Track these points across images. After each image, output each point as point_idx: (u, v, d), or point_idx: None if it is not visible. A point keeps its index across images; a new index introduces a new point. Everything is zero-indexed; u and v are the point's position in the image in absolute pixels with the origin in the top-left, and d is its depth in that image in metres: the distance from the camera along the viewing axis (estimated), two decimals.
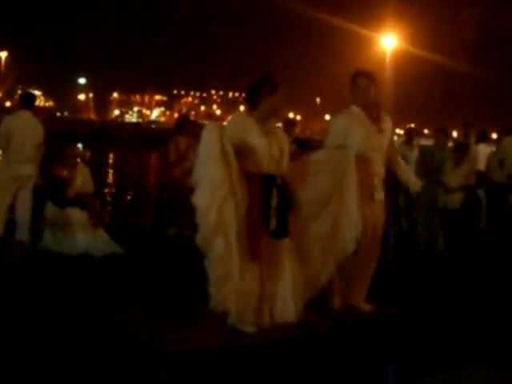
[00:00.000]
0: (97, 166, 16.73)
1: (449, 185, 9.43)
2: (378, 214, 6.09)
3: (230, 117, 6.73)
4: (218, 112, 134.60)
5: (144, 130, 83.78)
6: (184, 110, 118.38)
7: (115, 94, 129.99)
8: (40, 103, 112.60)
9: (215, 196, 5.06)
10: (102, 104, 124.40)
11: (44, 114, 77.69)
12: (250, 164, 5.42)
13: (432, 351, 5.18)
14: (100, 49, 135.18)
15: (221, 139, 5.13)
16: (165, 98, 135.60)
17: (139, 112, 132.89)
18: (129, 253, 8.58)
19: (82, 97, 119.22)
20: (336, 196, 5.68)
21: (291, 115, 62.90)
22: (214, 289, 5.28)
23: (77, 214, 8.66)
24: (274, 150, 5.51)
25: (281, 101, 5.66)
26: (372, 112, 6.06)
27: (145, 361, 4.71)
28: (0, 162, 8.54)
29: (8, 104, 78.27)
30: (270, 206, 5.41)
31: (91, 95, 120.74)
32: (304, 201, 5.69)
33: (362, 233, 5.73)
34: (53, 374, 4.43)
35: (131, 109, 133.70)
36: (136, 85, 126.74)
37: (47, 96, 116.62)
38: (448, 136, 11.22)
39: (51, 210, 8.66)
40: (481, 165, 10.29)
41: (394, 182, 6.82)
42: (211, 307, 5.39)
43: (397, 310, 6.15)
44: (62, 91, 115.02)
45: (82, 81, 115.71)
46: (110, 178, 24.48)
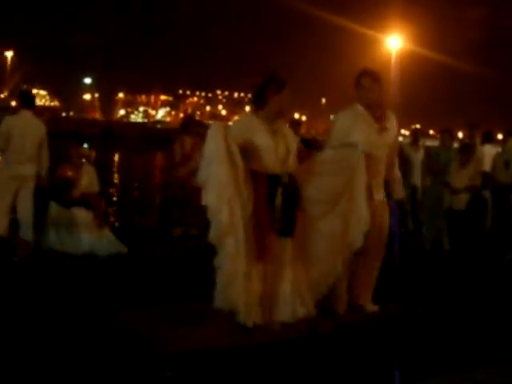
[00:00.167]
0: (102, 166, 16.72)
1: (454, 186, 9.41)
2: (380, 213, 5.99)
3: (237, 117, 6.74)
4: (224, 112, 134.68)
5: (149, 129, 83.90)
6: (189, 110, 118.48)
7: (121, 94, 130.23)
8: (45, 103, 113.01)
9: (223, 196, 5.08)
10: (108, 104, 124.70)
11: (50, 113, 77.86)
12: (256, 164, 5.42)
13: (437, 351, 5.17)
14: (106, 49, 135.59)
15: (226, 139, 5.14)
16: (170, 98, 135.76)
17: (145, 112, 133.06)
18: (134, 253, 8.59)
19: (87, 97, 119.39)
20: (346, 195, 5.65)
21: (296, 116, 62.96)
22: (222, 287, 5.30)
23: (82, 214, 8.68)
24: (281, 149, 5.51)
25: (287, 100, 5.64)
26: (376, 111, 6.03)
27: (149, 360, 4.71)
28: (0, 162, 8.53)
29: (14, 103, 78.35)
30: (275, 206, 5.42)
31: (97, 95, 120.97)
32: (312, 200, 5.66)
33: (366, 232, 5.72)
34: (58, 372, 4.44)
35: (137, 109, 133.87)
36: (142, 85, 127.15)
37: (53, 96, 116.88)
38: (453, 137, 11.19)
39: (56, 209, 8.66)
40: (486, 165, 10.26)
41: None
42: (216, 306, 5.40)
43: (402, 310, 6.14)
44: (68, 91, 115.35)
45: (87, 81, 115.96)
46: (115, 177, 24.48)
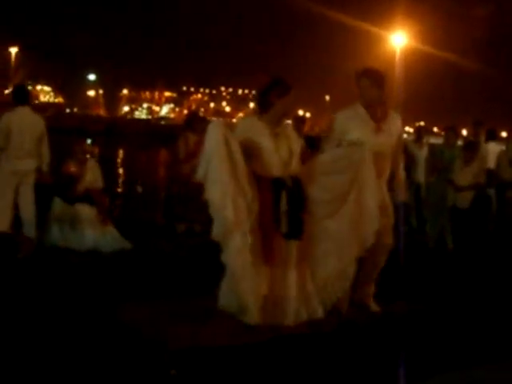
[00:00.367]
0: (106, 163, 16.73)
1: (458, 183, 9.40)
2: (383, 213, 5.83)
3: (240, 119, 6.73)
4: (228, 109, 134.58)
5: (153, 126, 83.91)
6: (193, 107, 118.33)
7: (125, 91, 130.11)
8: (50, 99, 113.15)
9: (227, 192, 5.06)
10: (112, 100, 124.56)
11: (54, 109, 77.89)
12: (259, 167, 5.43)
13: (441, 349, 5.17)
14: (110, 45, 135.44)
15: (226, 137, 5.13)
16: (174, 95, 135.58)
17: (149, 108, 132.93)
18: (138, 249, 8.60)
19: (91, 93, 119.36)
20: (352, 194, 5.61)
21: (301, 112, 62.82)
22: (229, 285, 5.30)
23: (86, 210, 8.69)
24: (284, 152, 5.51)
25: (292, 103, 5.65)
26: (376, 111, 5.96)
27: (153, 357, 4.72)
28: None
29: None
30: (280, 209, 5.41)
31: (101, 91, 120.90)
32: (317, 201, 5.64)
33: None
34: (61, 368, 4.45)
35: (141, 105, 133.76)
36: (145, 81, 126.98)
37: (57, 92, 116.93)
38: (458, 134, 11.16)
39: (60, 205, 8.68)
40: (491, 163, 10.24)
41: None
42: (221, 306, 5.40)
43: (405, 308, 6.14)
44: (72, 87, 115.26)
45: (91, 77, 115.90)
46: (119, 174, 24.50)
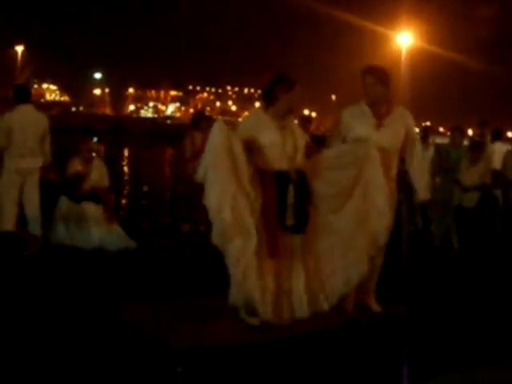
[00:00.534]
0: (112, 161, 16.75)
1: (464, 183, 9.39)
2: None
3: (247, 113, 6.73)
4: (234, 108, 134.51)
5: (159, 125, 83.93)
6: (199, 106, 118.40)
7: (131, 89, 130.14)
8: (56, 98, 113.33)
9: (225, 195, 5.05)
10: (118, 99, 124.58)
11: (60, 108, 77.99)
12: (264, 160, 5.43)
13: (444, 349, 5.16)
14: (116, 44, 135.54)
15: (228, 139, 5.14)
16: (180, 94, 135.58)
17: (155, 107, 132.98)
18: (143, 248, 8.61)
19: (97, 92, 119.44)
20: (357, 190, 5.60)
21: (306, 112, 62.78)
22: (235, 286, 5.31)
23: (92, 209, 8.70)
24: (289, 146, 5.51)
25: (297, 98, 5.64)
26: (380, 108, 5.95)
27: (158, 356, 4.72)
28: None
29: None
30: (285, 203, 5.41)
31: (107, 90, 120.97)
32: (321, 195, 5.65)
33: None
34: (64, 367, 4.46)
35: (146, 104, 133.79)
36: (151, 80, 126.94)
37: (63, 90, 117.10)
38: (464, 134, 11.14)
39: (65, 204, 8.69)
40: (496, 163, 10.22)
41: (408, 179, 6.76)
42: (231, 303, 5.41)
43: (409, 308, 6.14)
44: (78, 86, 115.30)
45: (97, 76, 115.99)
46: (124, 173, 24.52)
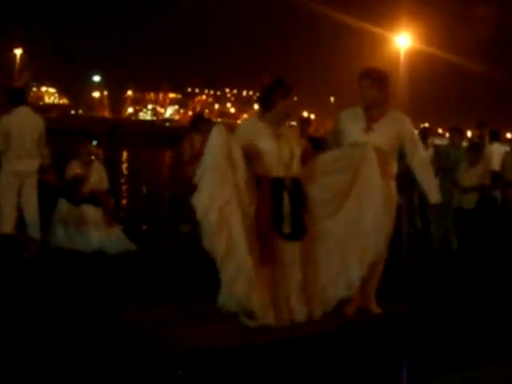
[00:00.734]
0: (111, 164, 16.75)
1: (463, 185, 9.39)
2: None
3: (245, 115, 6.72)
4: (232, 110, 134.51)
5: (158, 127, 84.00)
6: (198, 108, 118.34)
7: (129, 92, 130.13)
8: (54, 101, 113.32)
9: (215, 198, 5.06)
10: (117, 102, 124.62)
11: (59, 111, 77.95)
12: (260, 167, 5.44)
13: (445, 350, 5.16)
14: (114, 47, 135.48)
15: (227, 143, 5.14)
16: (179, 96, 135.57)
17: (153, 110, 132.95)
18: (142, 250, 8.61)
19: (96, 94, 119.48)
20: (353, 195, 5.59)
21: (305, 114, 62.79)
22: (225, 288, 5.30)
23: (91, 211, 8.71)
24: (285, 153, 5.51)
25: (293, 105, 5.66)
26: (374, 111, 5.88)
27: (158, 358, 4.72)
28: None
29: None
30: (280, 210, 5.41)
31: (106, 93, 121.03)
32: (317, 200, 5.65)
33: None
34: (64, 369, 4.46)
35: (145, 107, 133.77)
36: (150, 83, 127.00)
37: (62, 93, 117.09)
38: (463, 135, 11.15)
39: (65, 206, 8.69)
40: (495, 165, 10.23)
41: (408, 181, 6.77)
42: (220, 305, 5.41)
43: (409, 310, 6.14)
44: (77, 89, 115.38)
45: (96, 78, 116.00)
46: (124, 175, 24.52)
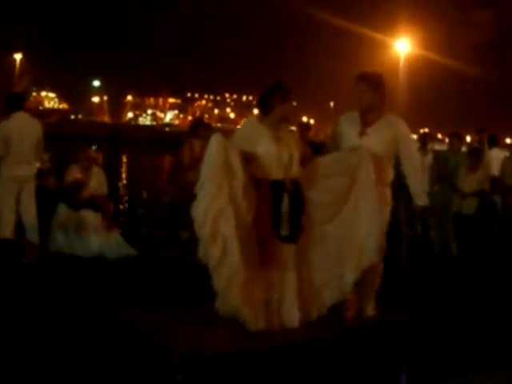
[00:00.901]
0: (111, 169, 16.75)
1: (463, 190, 9.39)
2: None
3: (243, 121, 6.73)
4: (232, 115, 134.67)
5: (158, 132, 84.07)
6: (198, 113, 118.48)
7: (129, 97, 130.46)
8: (54, 105, 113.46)
9: (211, 209, 5.10)
10: (116, 107, 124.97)
11: (59, 116, 77.96)
12: (260, 170, 5.45)
13: (444, 356, 5.16)
14: (114, 52, 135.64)
15: (224, 152, 5.15)
16: (179, 101, 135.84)
17: (153, 115, 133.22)
18: (142, 255, 8.61)
19: (96, 99, 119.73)
20: (352, 198, 5.61)
21: (305, 119, 62.84)
22: (220, 296, 5.31)
23: (91, 216, 8.70)
24: (284, 155, 5.52)
25: (293, 108, 5.67)
26: (369, 115, 5.88)
27: (159, 363, 4.72)
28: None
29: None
30: (280, 212, 5.42)
31: (105, 98, 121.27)
32: (315, 203, 5.66)
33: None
34: (65, 373, 4.46)
35: (145, 111, 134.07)
36: (150, 88, 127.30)
37: (62, 98, 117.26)
38: (462, 140, 11.16)
39: (64, 211, 8.69)
40: (494, 170, 10.23)
41: (407, 186, 6.75)
42: (216, 309, 5.41)
43: (408, 315, 6.13)
44: (77, 94, 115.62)
45: (96, 83, 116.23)
46: (123, 180, 24.51)
